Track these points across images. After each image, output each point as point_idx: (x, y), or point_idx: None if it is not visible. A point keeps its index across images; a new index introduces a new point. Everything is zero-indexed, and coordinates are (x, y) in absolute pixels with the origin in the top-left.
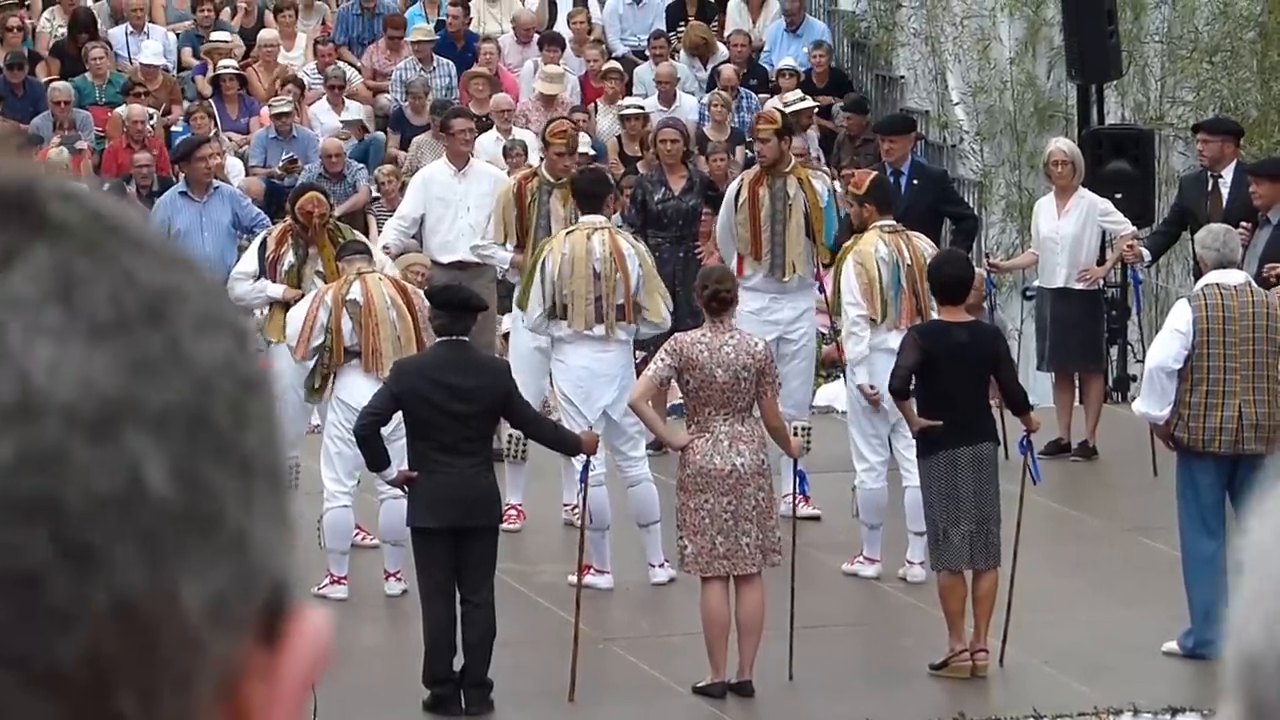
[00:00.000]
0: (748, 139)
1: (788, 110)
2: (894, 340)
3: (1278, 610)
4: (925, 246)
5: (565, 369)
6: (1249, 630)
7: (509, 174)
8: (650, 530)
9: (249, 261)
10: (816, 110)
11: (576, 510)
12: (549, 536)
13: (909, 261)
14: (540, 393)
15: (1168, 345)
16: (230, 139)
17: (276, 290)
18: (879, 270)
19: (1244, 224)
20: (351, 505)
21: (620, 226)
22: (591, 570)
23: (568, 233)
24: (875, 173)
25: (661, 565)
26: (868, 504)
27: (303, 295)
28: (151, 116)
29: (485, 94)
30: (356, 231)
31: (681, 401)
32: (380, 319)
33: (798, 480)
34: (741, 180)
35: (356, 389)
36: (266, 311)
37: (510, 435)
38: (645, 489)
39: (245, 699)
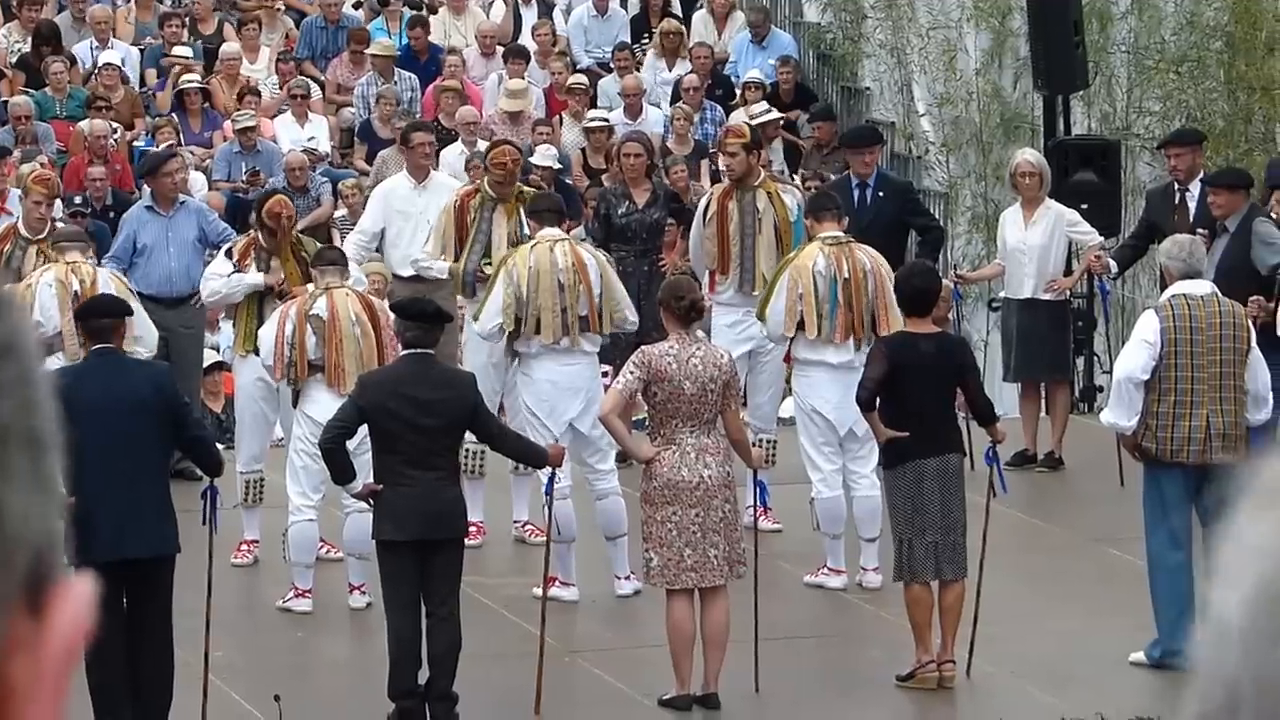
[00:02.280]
0: (712, 151)
1: (754, 122)
2: (830, 354)
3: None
4: (866, 259)
5: (530, 383)
6: (1226, 610)
7: None
8: (617, 543)
9: (223, 263)
10: (782, 123)
11: (528, 527)
12: (512, 550)
13: (847, 275)
14: (493, 405)
15: (1136, 355)
16: (193, 153)
17: (256, 277)
18: (815, 283)
19: (1201, 230)
20: (316, 519)
21: (583, 239)
22: (557, 583)
23: (531, 246)
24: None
25: (627, 578)
26: (826, 514)
27: (282, 280)
28: (115, 131)
29: (455, 107)
30: (319, 245)
31: (645, 416)
32: (344, 335)
33: (758, 492)
34: (711, 195)
35: (321, 403)
36: (233, 329)
37: (468, 450)
38: (614, 502)
39: (10, 672)
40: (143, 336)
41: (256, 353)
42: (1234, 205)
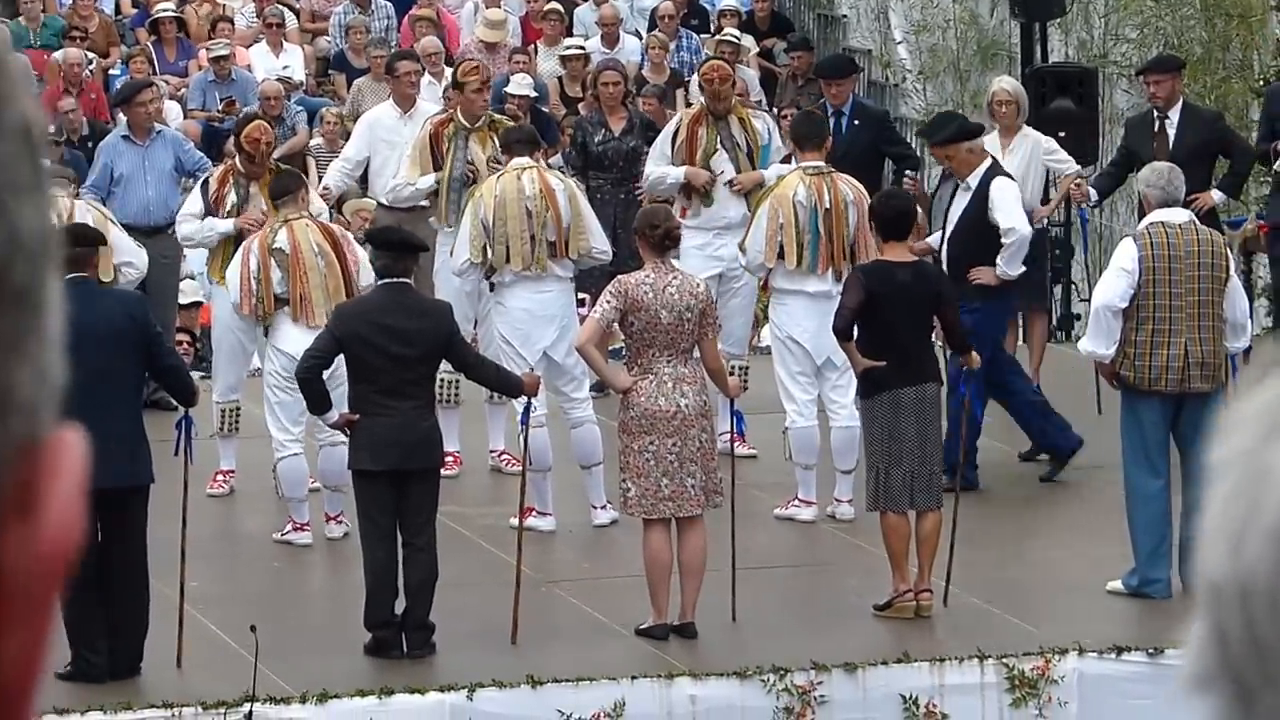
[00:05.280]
0: (686, 80)
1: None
2: (811, 284)
3: (1240, 534)
4: (848, 190)
5: (504, 311)
6: (1213, 553)
7: None
8: (593, 472)
9: (194, 202)
10: (744, 48)
11: (504, 457)
12: (489, 479)
13: (828, 206)
14: (467, 334)
15: (1114, 284)
16: (168, 82)
17: (226, 224)
18: (795, 213)
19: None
20: (302, 452)
21: (560, 167)
22: (533, 512)
23: (498, 176)
24: (803, 110)
25: (604, 507)
26: (799, 444)
27: (255, 218)
28: (90, 61)
29: (426, 36)
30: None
31: (621, 345)
32: (309, 266)
33: (734, 420)
34: (680, 120)
35: (291, 337)
36: (208, 257)
37: (442, 380)
38: (589, 431)
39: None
40: (132, 260)
41: None
42: (973, 162)
